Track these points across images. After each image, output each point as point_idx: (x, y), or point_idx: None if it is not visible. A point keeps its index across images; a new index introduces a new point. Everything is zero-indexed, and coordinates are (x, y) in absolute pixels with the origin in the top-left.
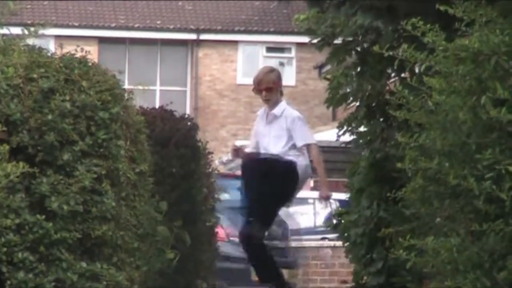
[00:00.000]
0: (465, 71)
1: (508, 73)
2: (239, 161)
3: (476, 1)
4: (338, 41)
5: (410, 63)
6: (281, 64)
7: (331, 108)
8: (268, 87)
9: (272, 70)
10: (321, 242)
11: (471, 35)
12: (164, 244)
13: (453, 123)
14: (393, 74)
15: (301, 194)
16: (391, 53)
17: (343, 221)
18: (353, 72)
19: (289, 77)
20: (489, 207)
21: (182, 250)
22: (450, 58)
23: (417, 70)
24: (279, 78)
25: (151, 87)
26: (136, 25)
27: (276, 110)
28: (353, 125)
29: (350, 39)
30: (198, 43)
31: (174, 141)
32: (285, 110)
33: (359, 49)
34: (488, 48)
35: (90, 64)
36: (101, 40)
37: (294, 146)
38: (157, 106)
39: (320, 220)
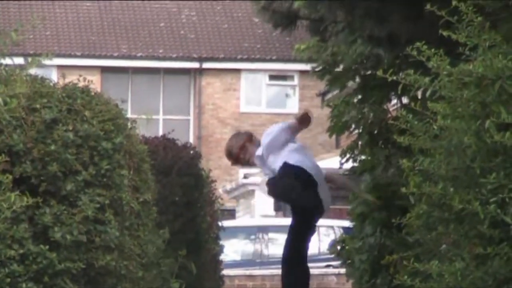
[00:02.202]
0: (469, 95)
1: None
2: (242, 189)
3: (479, 26)
4: (339, 68)
5: (413, 88)
6: (287, 95)
7: (334, 136)
8: (234, 159)
9: (232, 137)
10: (325, 270)
11: (475, 60)
12: (168, 274)
13: (457, 148)
14: (394, 101)
15: None
16: (394, 77)
17: (346, 247)
18: (354, 100)
19: (292, 105)
20: (494, 231)
21: (186, 279)
22: (454, 82)
23: (419, 96)
24: (238, 138)
25: (154, 116)
26: (139, 54)
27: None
28: (356, 152)
29: (351, 67)
30: (201, 71)
31: (177, 170)
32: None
33: (359, 76)
34: (492, 73)
35: (92, 93)
36: (104, 70)
37: None
38: (160, 135)
39: (324, 247)
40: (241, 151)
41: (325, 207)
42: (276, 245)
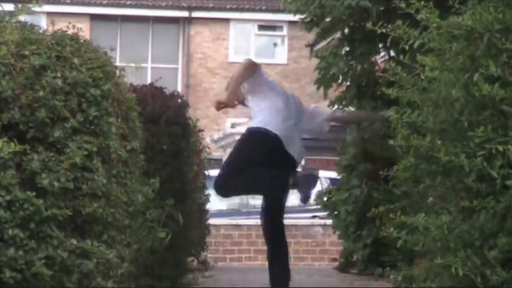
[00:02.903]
0: (458, 48)
1: (501, 51)
2: (229, 139)
3: None
4: (327, 20)
5: (403, 41)
6: (275, 44)
7: (322, 88)
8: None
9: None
10: (311, 221)
11: (464, 13)
12: (155, 223)
13: (445, 100)
14: (382, 53)
15: None
16: (384, 30)
17: (333, 199)
18: (342, 52)
19: (280, 55)
20: (480, 185)
21: (173, 228)
22: (443, 35)
23: (407, 48)
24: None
25: (142, 65)
26: (128, 2)
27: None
28: (344, 103)
29: (339, 18)
30: (190, 20)
31: (165, 119)
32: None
33: (347, 28)
34: (481, 26)
35: (81, 41)
36: (93, 17)
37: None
38: (148, 83)
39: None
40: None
41: (297, 161)
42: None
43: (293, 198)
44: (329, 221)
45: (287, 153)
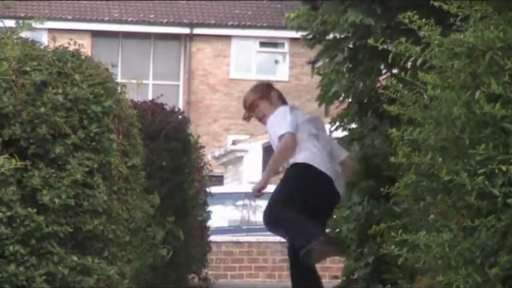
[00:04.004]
0: (460, 66)
1: (503, 69)
2: (231, 156)
3: None
4: (329, 37)
5: (404, 57)
6: (276, 61)
7: (323, 105)
8: (247, 107)
9: (252, 88)
10: None
11: (466, 31)
12: (156, 240)
13: (447, 118)
14: (384, 70)
15: None
16: (385, 46)
17: (334, 216)
18: (344, 69)
19: (282, 72)
20: (481, 203)
21: (174, 245)
22: (445, 52)
23: (409, 66)
24: (255, 92)
25: (144, 81)
26: (130, 19)
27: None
28: (345, 121)
29: (342, 36)
30: (191, 37)
31: (164, 135)
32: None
33: (350, 45)
34: (483, 44)
35: (83, 57)
36: (94, 34)
37: None
38: (149, 100)
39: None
40: (251, 108)
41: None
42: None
43: None
44: None
45: (335, 190)
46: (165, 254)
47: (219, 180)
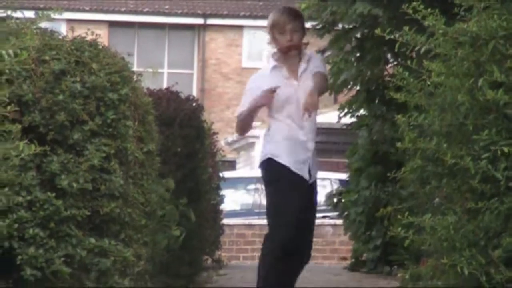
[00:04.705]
0: (464, 54)
1: (505, 57)
2: (243, 142)
3: None
4: (338, 27)
5: (410, 46)
6: None
7: (332, 92)
8: (296, 28)
9: (297, 11)
10: (322, 220)
11: (470, 20)
12: (170, 221)
13: (451, 105)
14: (391, 59)
15: None
16: (392, 36)
17: (343, 200)
18: (353, 58)
19: None
20: (485, 186)
21: (187, 227)
22: (449, 41)
23: (415, 55)
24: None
25: (159, 70)
26: (145, 10)
27: (304, 57)
28: (354, 108)
29: (350, 26)
30: (205, 27)
31: (179, 121)
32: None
33: (358, 35)
34: (486, 33)
35: (100, 47)
36: (111, 24)
37: None
38: (164, 88)
39: (321, 198)
40: (301, 24)
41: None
42: None
43: None
44: (339, 221)
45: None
46: (178, 235)
47: (231, 165)
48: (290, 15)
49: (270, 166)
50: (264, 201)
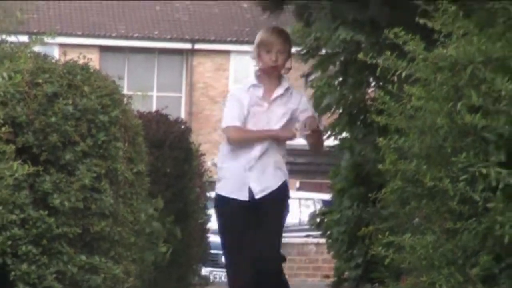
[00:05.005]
0: (443, 79)
1: (483, 82)
2: None
3: (454, 14)
4: (322, 52)
5: (391, 71)
6: None
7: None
8: (282, 50)
9: (285, 32)
10: (305, 239)
11: (449, 46)
12: (157, 238)
13: (430, 128)
14: (373, 83)
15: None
16: (373, 61)
17: (326, 220)
18: (336, 82)
19: None
20: (463, 207)
21: (174, 244)
22: (429, 66)
23: (396, 79)
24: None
25: (148, 93)
26: (135, 35)
27: (283, 84)
28: (336, 130)
29: (333, 51)
30: (193, 52)
31: (168, 143)
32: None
33: (341, 60)
34: (464, 58)
35: (91, 70)
36: (102, 48)
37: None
38: (153, 110)
39: (304, 218)
40: (286, 48)
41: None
42: None
43: (288, 218)
44: (322, 240)
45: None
46: (165, 251)
47: None
48: (279, 36)
49: (217, 202)
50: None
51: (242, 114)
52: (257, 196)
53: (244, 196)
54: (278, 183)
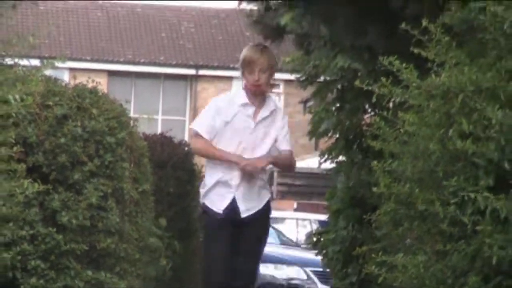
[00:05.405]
0: (436, 106)
1: (473, 110)
2: None
3: (447, 45)
4: (320, 79)
5: (386, 97)
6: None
7: (313, 139)
8: (264, 69)
9: (267, 48)
10: None
11: (442, 75)
12: (157, 253)
13: (423, 153)
14: (369, 110)
15: (284, 214)
16: (370, 88)
17: (322, 239)
18: (333, 108)
19: None
20: (453, 229)
21: (175, 260)
22: (423, 94)
23: (391, 106)
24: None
25: (154, 116)
26: (142, 60)
27: (269, 105)
28: (333, 154)
29: (332, 78)
30: (197, 78)
31: (172, 164)
32: (276, 104)
33: (339, 87)
34: (456, 87)
35: (100, 94)
36: (110, 73)
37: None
38: (158, 133)
39: (301, 238)
40: (272, 70)
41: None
42: None
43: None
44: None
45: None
46: (165, 264)
47: None
48: (261, 54)
49: (204, 213)
50: None
51: (214, 128)
52: (243, 215)
53: (229, 214)
54: (264, 202)
